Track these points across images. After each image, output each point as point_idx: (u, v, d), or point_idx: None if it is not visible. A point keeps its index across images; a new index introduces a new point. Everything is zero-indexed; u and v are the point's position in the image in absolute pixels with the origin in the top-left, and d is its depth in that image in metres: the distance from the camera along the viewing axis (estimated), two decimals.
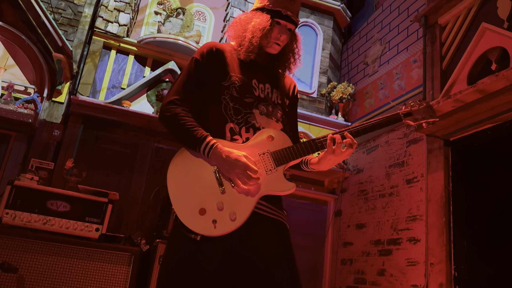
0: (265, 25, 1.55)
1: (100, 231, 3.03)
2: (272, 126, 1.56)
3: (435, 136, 3.51)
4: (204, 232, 1.36)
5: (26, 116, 3.81)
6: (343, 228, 4.85)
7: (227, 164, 1.40)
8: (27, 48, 4.14)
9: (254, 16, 1.59)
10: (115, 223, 3.95)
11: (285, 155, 1.47)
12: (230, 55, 1.59)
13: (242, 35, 1.58)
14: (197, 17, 5.29)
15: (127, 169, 4.33)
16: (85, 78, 4.41)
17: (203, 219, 1.37)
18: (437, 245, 3.27)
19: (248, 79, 1.57)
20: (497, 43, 3.05)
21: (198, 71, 1.55)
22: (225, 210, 1.38)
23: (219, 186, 1.42)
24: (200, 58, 1.56)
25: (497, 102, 2.92)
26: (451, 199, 3.30)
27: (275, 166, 1.46)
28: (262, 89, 1.59)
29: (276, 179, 1.46)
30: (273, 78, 1.65)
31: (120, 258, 2.98)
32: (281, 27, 1.59)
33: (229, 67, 1.56)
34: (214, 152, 1.41)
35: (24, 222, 2.87)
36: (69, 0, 4.61)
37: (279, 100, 1.63)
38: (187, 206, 1.40)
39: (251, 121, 1.52)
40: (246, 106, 1.53)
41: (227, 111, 1.51)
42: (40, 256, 2.79)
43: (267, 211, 1.48)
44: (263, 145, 1.48)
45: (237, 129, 1.50)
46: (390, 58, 4.82)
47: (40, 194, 2.98)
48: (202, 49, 1.58)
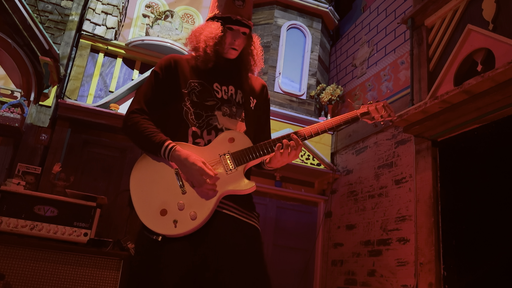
0: (217, 33, 1.60)
1: (88, 235, 3.00)
2: (236, 126, 1.61)
3: (423, 137, 3.54)
4: (165, 232, 1.39)
5: (13, 120, 3.76)
6: (333, 229, 4.87)
7: (185, 167, 1.45)
8: (13, 52, 4.09)
9: (206, 26, 1.64)
10: (103, 227, 3.91)
11: (244, 155, 1.52)
12: (190, 64, 1.65)
13: (197, 46, 1.63)
14: (186, 19, 5.27)
15: (116, 173, 4.29)
16: (73, 81, 4.37)
17: (164, 220, 1.41)
18: (426, 245, 3.29)
19: (208, 83, 1.62)
20: (482, 44, 3.10)
21: (158, 83, 1.61)
22: (186, 210, 1.42)
23: (180, 187, 1.46)
24: (159, 70, 1.62)
25: (483, 102, 2.96)
26: (439, 199, 3.33)
27: (235, 166, 1.51)
28: (225, 91, 1.64)
29: (235, 178, 1.50)
30: (237, 80, 1.70)
31: (109, 263, 2.96)
32: (234, 32, 1.63)
33: (188, 74, 1.62)
34: (173, 155, 1.46)
35: (11, 227, 2.83)
36: (56, 3, 4.56)
37: (243, 100, 1.68)
38: (149, 208, 1.44)
39: (212, 123, 1.56)
40: (208, 109, 1.58)
41: (188, 116, 1.56)
42: (28, 262, 2.75)
43: (236, 212, 1.51)
44: (224, 147, 1.53)
45: (199, 133, 1.55)
46: (378, 60, 4.86)
47: (27, 199, 2.95)
48: (161, 62, 1.65)
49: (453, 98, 3.08)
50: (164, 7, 5.14)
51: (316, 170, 4.97)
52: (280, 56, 5.43)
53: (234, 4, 1.63)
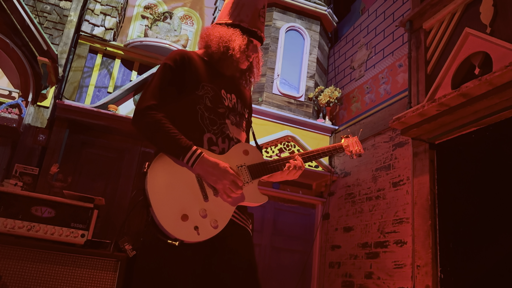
0: (246, 44, 1.64)
1: (85, 237, 2.99)
2: (240, 136, 1.66)
3: (421, 140, 3.55)
4: (186, 238, 1.37)
5: (10, 121, 3.76)
6: (331, 231, 4.87)
7: (215, 174, 1.45)
8: (11, 52, 4.08)
9: (235, 35, 1.64)
10: (101, 228, 3.90)
11: (260, 170, 1.58)
12: (199, 64, 1.63)
13: (227, 53, 1.63)
14: (184, 21, 5.28)
15: (114, 174, 4.29)
16: (71, 82, 4.37)
17: (185, 225, 1.38)
18: (423, 247, 3.30)
19: (218, 89, 1.63)
20: (480, 48, 3.11)
21: (172, 77, 1.55)
22: (208, 218, 1.42)
23: (202, 194, 1.45)
24: (173, 64, 1.57)
25: (481, 106, 2.97)
26: (436, 202, 3.34)
27: (251, 179, 1.55)
28: (230, 99, 1.66)
29: (252, 191, 1.54)
30: (237, 88, 1.73)
31: (106, 264, 2.95)
32: (253, 46, 1.69)
33: (200, 76, 1.60)
34: (201, 162, 1.44)
35: (8, 228, 2.82)
36: (55, 4, 4.56)
37: (243, 110, 1.72)
38: (169, 211, 1.39)
39: (225, 131, 1.58)
40: (220, 116, 1.59)
41: (203, 121, 1.55)
42: (25, 263, 2.74)
43: (238, 218, 1.54)
44: (240, 158, 1.57)
45: (214, 139, 1.55)
46: (376, 63, 4.87)
47: (24, 200, 2.93)
48: (174, 56, 1.60)
49: (451, 101, 3.09)
50: (163, 9, 5.15)
51: (314, 172, 4.98)
52: (279, 58, 5.44)
53: (260, 20, 1.70)
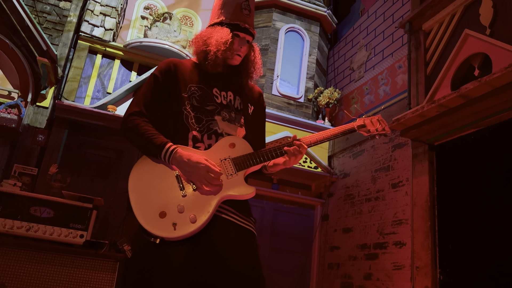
0: (227, 38, 1.62)
1: (84, 237, 2.99)
2: (236, 131, 1.63)
3: (420, 141, 3.55)
4: (164, 234, 1.38)
5: (9, 121, 3.75)
6: (330, 232, 4.87)
7: (189, 167, 1.45)
8: (10, 52, 4.08)
9: (214, 31, 1.66)
10: (100, 229, 3.90)
11: (245, 161, 1.54)
12: (188, 68, 1.66)
13: (206, 50, 1.64)
14: (184, 22, 5.28)
15: (113, 174, 4.28)
16: (70, 82, 4.36)
17: (163, 222, 1.40)
18: (422, 248, 3.29)
19: (208, 88, 1.64)
20: (480, 49, 3.11)
21: (157, 86, 1.61)
22: (186, 213, 1.41)
23: (180, 190, 1.46)
24: (158, 74, 1.62)
25: (480, 107, 2.97)
26: (436, 203, 3.34)
27: (236, 171, 1.52)
28: (224, 96, 1.66)
29: (236, 183, 1.51)
30: (236, 86, 1.72)
31: (105, 265, 2.94)
32: (240, 39, 1.67)
33: (188, 79, 1.63)
34: (175, 157, 1.46)
35: (7, 228, 2.81)
36: (54, 4, 4.56)
37: (242, 106, 1.70)
38: (148, 209, 1.42)
39: (213, 127, 1.58)
40: (208, 114, 1.59)
41: (188, 120, 1.56)
42: (23, 263, 2.73)
43: (233, 217, 1.51)
44: (225, 151, 1.54)
45: (199, 137, 1.55)
46: (375, 64, 4.87)
47: (23, 200, 2.93)
48: (161, 65, 1.65)
49: (450, 102, 3.09)
50: (162, 9, 5.15)
51: (313, 173, 4.98)
52: (278, 59, 5.44)
53: (242, 12, 1.69)
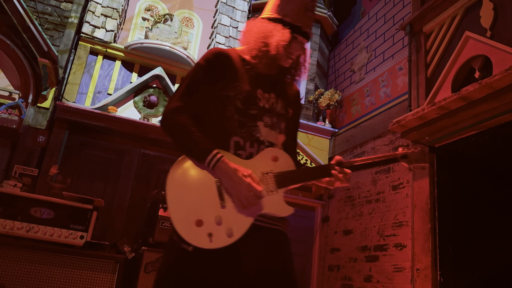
0: (288, 40, 1.51)
1: (84, 238, 2.99)
2: (277, 138, 1.54)
3: (420, 143, 3.55)
4: (198, 244, 1.33)
5: (10, 122, 3.76)
6: (330, 234, 4.87)
7: (232, 181, 1.37)
8: (11, 53, 4.08)
9: (275, 30, 1.53)
10: (100, 230, 3.90)
11: (288, 179, 1.46)
12: (236, 63, 1.54)
13: (264, 49, 1.52)
14: (185, 23, 5.29)
15: (113, 175, 4.28)
16: (71, 83, 4.37)
17: (198, 231, 1.34)
18: (422, 251, 3.29)
19: (253, 89, 1.53)
20: (480, 51, 3.11)
21: (203, 78, 1.50)
22: (223, 225, 1.35)
23: (219, 200, 1.39)
24: (205, 64, 1.51)
25: (481, 109, 2.97)
26: (436, 205, 3.34)
27: (277, 188, 1.44)
28: (267, 99, 1.55)
29: (276, 201, 1.43)
30: (278, 87, 1.62)
31: (105, 266, 2.94)
32: (297, 42, 1.55)
33: (234, 76, 1.52)
34: (220, 166, 1.37)
35: (7, 229, 2.81)
36: (56, 5, 4.57)
37: (283, 110, 1.60)
38: (184, 215, 1.36)
39: (255, 134, 1.48)
40: (251, 119, 1.49)
41: (232, 123, 1.47)
42: (23, 264, 2.73)
43: (266, 221, 1.45)
44: (267, 165, 1.46)
45: (241, 143, 1.46)
46: (376, 66, 4.87)
47: (24, 201, 2.93)
48: (208, 55, 1.53)
49: (451, 104, 3.09)
50: (163, 11, 5.15)
51: None
52: None
53: (306, 14, 1.56)
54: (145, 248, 3.18)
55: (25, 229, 2.86)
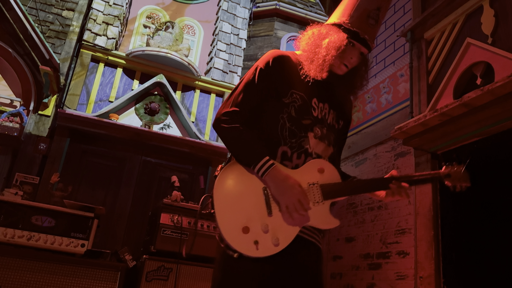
0: (341, 44, 1.45)
1: (85, 246, 2.97)
2: (325, 151, 1.51)
3: (423, 150, 3.53)
4: (245, 251, 1.32)
5: (12, 130, 3.76)
6: (332, 242, 4.84)
7: (281, 189, 1.36)
8: (13, 61, 4.10)
9: (330, 32, 1.49)
10: (101, 238, 3.88)
11: (334, 191, 1.43)
12: (294, 68, 1.52)
13: (315, 51, 1.49)
14: (187, 30, 5.30)
15: (114, 182, 4.27)
16: (73, 91, 4.37)
17: (245, 238, 1.33)
18: (426, 258, 3.27)
19: (308, 97, 1.50)
20: (482, 58, 3.11)
21: (261, 83, 1.48)
22: (270, 234, 1.34)
23: (266, 208, 1.37)
24: (265, 68, 1.49)
25: (483, 116, 2.96)
26: (439, 212, 3.31)
27: (323, 199, 1.42)
28: (321, 108, 1.52)
29: (321, 212, 1.41)
30: (334, 98, 1.58)
31: (106, 275, 2.92)
32: (354, 49, 1.49)
33: (291, 81, 1.49)
34: (271, 173, 1.36)
35: (8, 238, 2.80)
36: (57, 13, 4.59)
37: (335, 122, 1.57)
38: (231, 221, 1.35)
39: (304, 145, 1.46)
40: (302, 129, 1.46)
41: (283, 132, 1.45)
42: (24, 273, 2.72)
43: (309, 234, 1.45)
44: (313, 176, 1.44)
45: (289, 154, 1.45)
46: (377, 72, 4.87)
47: (25, 209, 2.92)
48: (267, 58, 1.50)
49: (453, 111, 3.08)
50: (164, 18, 5.17)
51: None
52: None
53: (367, 21, 1.49)
54: (147, 257, 3.16)
55: (26, 237, 2.85)
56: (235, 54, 5.26)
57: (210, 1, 5.59)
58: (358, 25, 1.48)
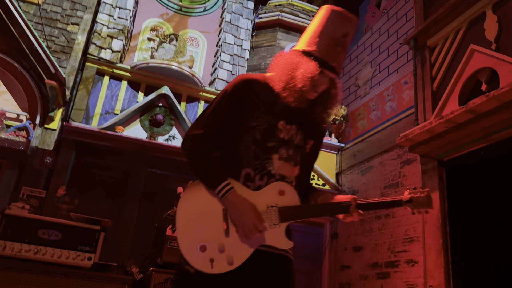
0: (314, 74, 1.52)
1: (92, 259, 2.97)
2: (290, 171, 1.57)
3: (429, 157, 3.52)
4: (200, 268, 1.41)
5: (18, 144, 3.78)
6: (340, 251, 4.80)
7: (237, 212, 1.43)
8: (19, 75, 4.13)
9: (302, 62, 1.54)
10: (107, 250, 3.87)
11: (291, 214, 1.49)
12: (263, 91, 1.57)
13: (291, 81, 1.53)
14: (190, 42, 5.34)
15: (120, 195, 4.27)
16: (78, 104, 4.40)
17: (201, 256, 1.42)
18: (435, 267, 3.23)
19: (275, 120, 1.55)
20: (486, 64, 3.10)
21: (229, 106, 1.53)
22: (225, 253, 1.42)
23: (224, 228, 1.45)
24: (233, 92, 1.54)
25: (489, 122, 2.95)
26: (447, 220, 3.28)
27: (279, 222, 1.48)
28: (288, 130, 1.58)
29: (277, 234, 1.48)
30: (302, 119, 1.62)
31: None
32: (323, 76, 1.55)
33: (259, 104, 1.54)
34: (229, 197, 1.44)
35: (15, 252, 2.80)
36: (62, 28, 4.64)
37: (302, 142, 1.62)
38: (190, 239, 1.44)
39: (267, 167, 1.52)
40: (267, 151, 1.52)
41: (247, 154, 1.52)
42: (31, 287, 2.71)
43: (272, 248, 1.50)
44: (273, 198, 1.50)
45: (252, 175, 1.51)
46: (381, 80, 4.87)
47: (31, 223, 2.93)
48: (236, 82, 1.56)
49: (458, 117, 3.07)
50: (168, 31, 5.21)
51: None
52: None
53: (335, 49, 1.56)
54: (153, 269, 3.15)
55: (33, 251, 2.85)
56: (238, 64, 5.29)
57: (213, 13, 5.64)
58: (327, 53, 1.54)
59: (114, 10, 4.88)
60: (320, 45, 1.55)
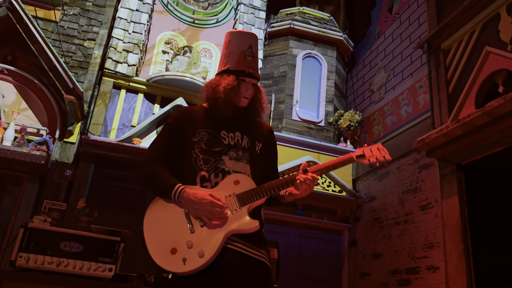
0: (234, 84, 1.75)
1: (113, 271, 3.00)
2: (243, 168, 1.71)
3: (447, 161, 3.48)
4: (175, 269, 1.48)
5: (39, 158, 3.86)
6: (359, 258, 4.75)
7: (195, 204, 1.56)
8: (39, 91, 4.24)
9: (221, 79, 1.78)
10: (126, 261, 3.91)
11: (248, 196, 1.62)
12: (199, 114, 1.81)
13: (216, 97, 1.76)
14: (204, 53, 5.41)
15: (138, 206, 4.32)
16: (96, 118, 4.49)
17: (173, 258, 1.50)
18: (457, 272, 3.18)
19: (216, 131, 1.75)
20: (502, 65, 3.07)
21: (171, 133, 1.77)
22: (194, 248, 1.51)
23: (189, 227, 1.56)
24: (172, 122, 1.79)
25: (506, 124, 2.91)
26: (468, 225, 3.23)
27: (240, 206, 1.61)
28: (232, 137, 1.76)
29: (240, 218, 1.59)
30: (243, 126, 1.82)
31: None
32: (246, 84, 1.78)
33: (197, 124, 1.76)
34: (183, 196, 1.58)
35: (38, 264, 2.85)
36: (79, 44, 4.75)
37: (249, 144, 1.79)
38: (160, 247, 1.54)
39: (220, 166, 1.68)
40: (215, 155, 1.69)
41: (197, 162, 1.69)
42: None
43: (243, 248, 1.57)
44: (230, 188, 1.64)
45: (207, 176, 1.66)
46: (395, 85, 4.85)
47: (53, 236, 2.98)
48: (174, 114, 1.83)
49: (475, 120, 3.03)
50: (182, 43, 5.29)
51: (337, 197, 4.91)
52: (297, 84, 5.48)
53: (246, 59, 1.80)
54: None
55: (55, 263, 2.89)
56: None
57: (225, 24, 5.70)
58: (241, 64, 1.79)
59: (129, 24, 4.98)
60: (233, 61, 1.80)
